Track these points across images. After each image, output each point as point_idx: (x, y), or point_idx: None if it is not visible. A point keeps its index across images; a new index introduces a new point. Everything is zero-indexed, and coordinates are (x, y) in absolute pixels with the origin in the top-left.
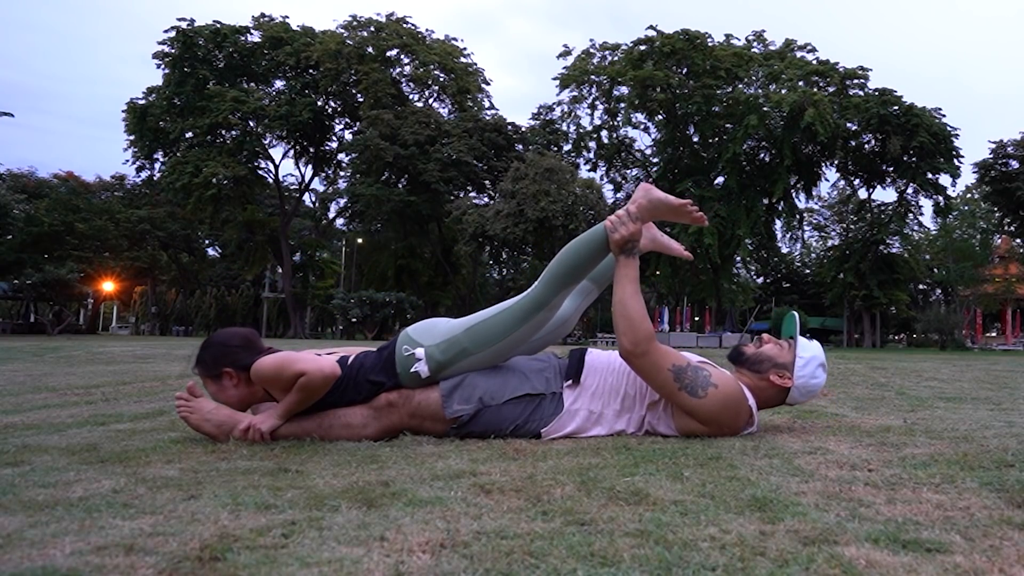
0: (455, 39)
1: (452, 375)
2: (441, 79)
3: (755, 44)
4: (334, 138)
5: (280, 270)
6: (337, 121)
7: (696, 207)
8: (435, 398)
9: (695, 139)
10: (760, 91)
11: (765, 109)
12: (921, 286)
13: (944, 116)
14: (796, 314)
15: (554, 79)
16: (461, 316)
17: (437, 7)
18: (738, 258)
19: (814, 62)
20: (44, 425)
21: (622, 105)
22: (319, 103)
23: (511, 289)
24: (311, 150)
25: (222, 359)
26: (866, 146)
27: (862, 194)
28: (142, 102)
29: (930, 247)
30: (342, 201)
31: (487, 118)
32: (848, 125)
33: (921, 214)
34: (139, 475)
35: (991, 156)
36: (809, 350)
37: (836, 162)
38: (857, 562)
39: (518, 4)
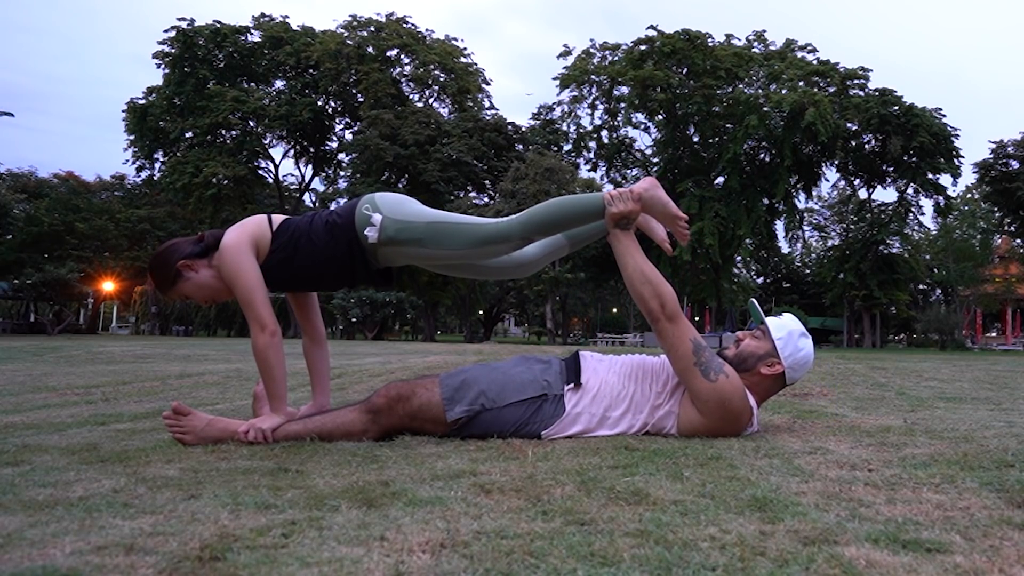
0: (455, 39)
1: (395, 251)
2: (441, 79)
3: (755, 44)
4: (334, 138)
5: None
6: (337, 121)
7: (687, 226)
8: (436, 401)
9: (695, 139)
10: (760, 91)
11: (765, 109)
12: (921, 286)
13: (944, 116)
14: (754, 300)
15: (554, 79)
16: (461, 316)
17: (433, 9)
18: (738, 258)
19: (814, 62)
20: (44, 425)
21: (622, 105)
22: (319, 103)
23: (511, 289)
24: (311, 150)
25: (171, 259)
26: (866, 146)
27: (862, 194)
28: (142, 102)
29: (930, 247)
30: (342, 201)
31: (487, 118)
32: (848, 125)
33: (921, 214)
34: (139, 475)
35: (991, 156)
36: (784, 328)
37: (836, 162)
38: (857, 562)
39: (512, 5)
